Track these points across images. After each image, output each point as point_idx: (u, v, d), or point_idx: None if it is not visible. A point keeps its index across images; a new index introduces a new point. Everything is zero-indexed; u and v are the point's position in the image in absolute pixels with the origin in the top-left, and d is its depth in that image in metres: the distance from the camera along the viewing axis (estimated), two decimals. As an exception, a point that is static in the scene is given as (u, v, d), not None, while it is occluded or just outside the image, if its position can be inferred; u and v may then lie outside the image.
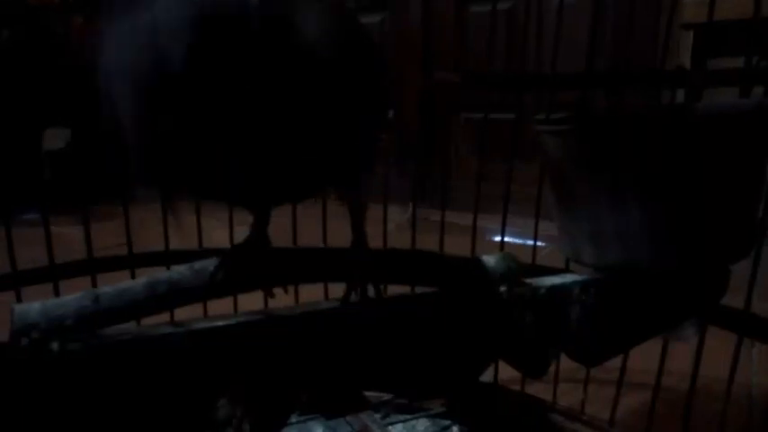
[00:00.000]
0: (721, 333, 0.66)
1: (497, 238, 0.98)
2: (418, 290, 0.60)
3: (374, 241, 0.60)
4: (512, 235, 0.98)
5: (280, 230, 0.71)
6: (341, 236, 0.64)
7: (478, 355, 0.57)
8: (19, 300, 0.78)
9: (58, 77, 2.18)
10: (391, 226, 0.99)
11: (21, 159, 1.91)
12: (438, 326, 0.55)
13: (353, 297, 0.55)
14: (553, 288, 0.55)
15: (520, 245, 1.16)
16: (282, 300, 0.60)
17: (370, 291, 0.56)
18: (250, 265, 0.55)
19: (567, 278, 0.56)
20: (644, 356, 0.69)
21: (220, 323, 0.52)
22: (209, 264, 0.53)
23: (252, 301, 0.66)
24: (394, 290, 0.63)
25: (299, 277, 0.57)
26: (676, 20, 1.53)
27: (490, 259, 0.56)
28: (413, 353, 0.55)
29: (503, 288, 0.54)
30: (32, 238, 0.82)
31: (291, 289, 0.74)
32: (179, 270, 0.53)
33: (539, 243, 0.89)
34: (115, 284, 0.51)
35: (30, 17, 2.50)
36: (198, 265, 0.53)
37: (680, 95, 0.77)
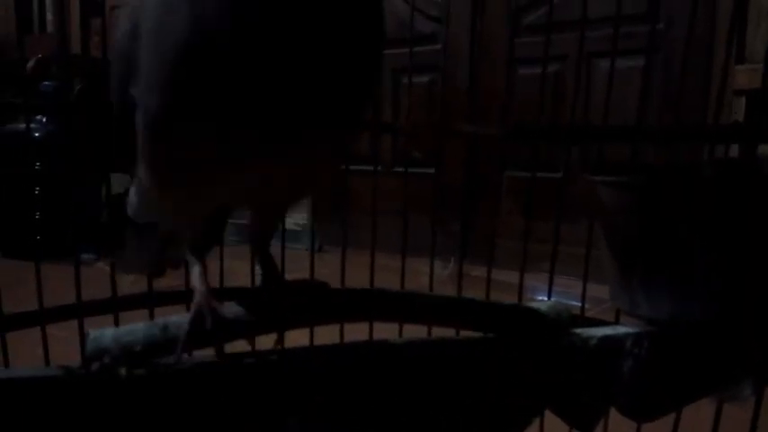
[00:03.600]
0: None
1: (541, 297, 0.98)
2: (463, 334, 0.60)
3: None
4: (556, 295, 0.98)
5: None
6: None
7: (528, 404, 0.57)
8: (81, 332, 0.81)
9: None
10: (424, 280, 1.00)
11: (86, 203, 2.01)
12: (487, 372, 0.56)
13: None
14: (605, 339, 0.55)
15: (565, 304, 1.16)
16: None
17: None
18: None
19: (619, 329, 0.56)
20: (697, 415, 0.68)
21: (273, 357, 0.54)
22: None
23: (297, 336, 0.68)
24: (438, 332, 0.63)
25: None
26: (729, 85, 1.54)
27: (541, 307, 0.57)
28: (459, 399, 0.56)
29: (554, 336, 0.54)
30: (86, 278, 0.86)
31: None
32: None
33: (585, 305, 0.89)
34: (182, 315, 0.54)
35: (99, 70, 2.67)
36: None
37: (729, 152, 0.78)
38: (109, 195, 1.68)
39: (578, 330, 0.57)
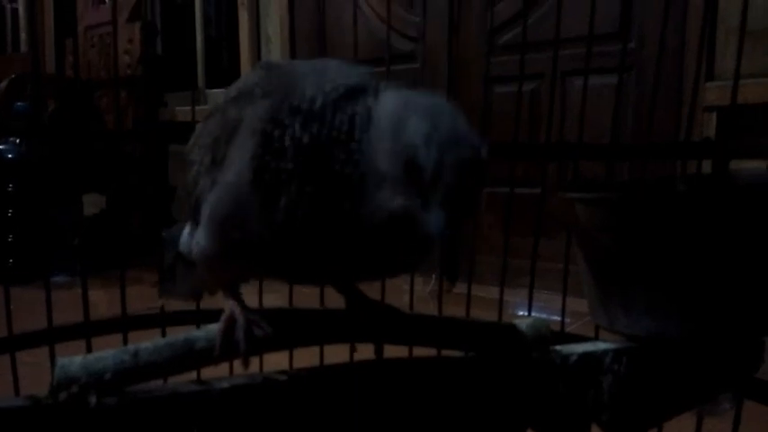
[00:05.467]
0: (757, 408, 0.64)
1: (521, 312, 0.98)
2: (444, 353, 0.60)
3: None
4: (537, 310, 0.98)
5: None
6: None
7: (509, 423, 0.56)
8: (52, 357, 0.79)
9: (96, 147, 2.28)
10: (406, 298, 0.99)
11: (57, 226, 1.97)
12: (467, 392, 0.55)
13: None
14: (584, 355, 0.55)
15: (545, 320, 1.16)
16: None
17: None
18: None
19: (599, 345, 0.56)
20: (678, 430, 0.68)
21: (258, 380, 0.53)
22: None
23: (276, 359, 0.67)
24: (419, 352, 0.62)
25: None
26: (699, 102, 1.57)
27: (521, 324, 0.57)
28: (441, 419, 0.55)
29: (534, 354, 0.54)
30: (58, 300, 0.84)
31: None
32: (214, 328, 0.54)
33: (565, 319, 0.89)
34: (154, 340, 0.53)
35: (74, 91, 2.64)
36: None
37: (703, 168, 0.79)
38: (81, 217, 1.65)
39: (558, 347, 0.56)
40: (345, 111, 0.44)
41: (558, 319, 0.92)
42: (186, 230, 0.62)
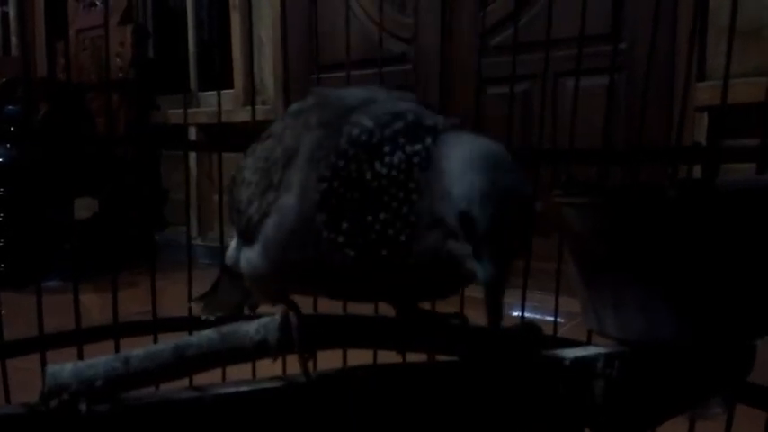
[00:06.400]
0: (750, 411, 0.64)
1: (515, 313, 0.98)
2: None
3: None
4: (530, 310, 0.98)
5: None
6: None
7: (502, 428, 0.56)
8: (43, 364, 0.79)
9: (88, 151, 2.27)
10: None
11: (49, 229, 1.96)
12: (459, 397, 0.55)
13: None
14: (577, 360, 0.55)
15: (538, 320, 1.16)
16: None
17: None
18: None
19: (591, 350, 0.56)
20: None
21: (244, 388, 0.53)
22: (236, 328, 0.54)
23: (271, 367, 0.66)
24: (411, 357, 0.63)
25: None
26: (690, 103, 1.57)
27: (513, 328, 0.57)
28: (433, 424, 0.55)
29: (526, 359, 0.54)
30: (50, 305, 0.84)
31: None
32: (206, 334, 0.54)
33: (558, 319, 0.89)
34: (146, 347, 0.53)
35: (65, 94, 2.63)
36: (225, 329, 0.54)
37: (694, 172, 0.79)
38: (73, 221, 1.65)
39: (550, 352, 0.56)
40: (404, 149, 0.45)
41: (552, 318, 0.93)
42: (233, 244, 0.64)
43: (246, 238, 0.56)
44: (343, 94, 0.53)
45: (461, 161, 0.43)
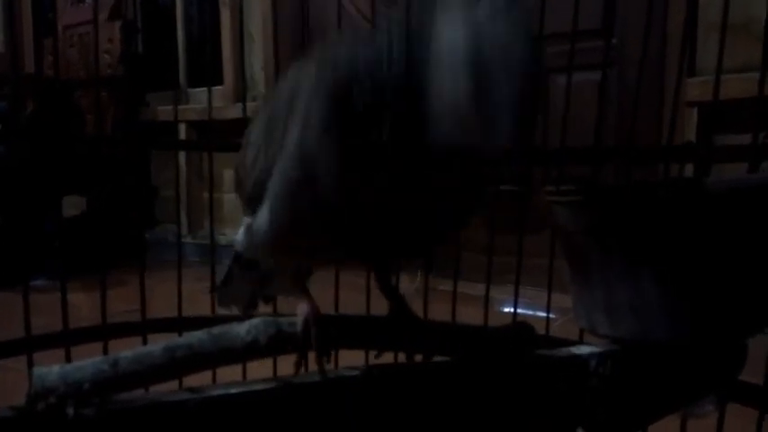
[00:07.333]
0: (741, 410, 0.64)
1: (507, 309, 0.98)
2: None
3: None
4: (522, 306, 0.98)
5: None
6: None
7: (494, 427, 0.56)
8: (30, 365, 0.78)
9: (76, 148, 2.25)
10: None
11: (36, 228, 1.94)
12: (451, 398, 0.55)
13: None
14: (569, 359, 0.54)
15: (531, 316, 1.16)
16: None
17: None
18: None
19: (584, 349, 0.56)
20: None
21: (234, 390, 0.52)
22: (227, 329, 0.53)
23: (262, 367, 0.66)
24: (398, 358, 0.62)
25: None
26: (681, 98, 1.58)
27: (505, 329, 0.56)
28: (425, 425, 0.54)
29: (518, 359, 0.54)
30: (38, 304, 0.83)
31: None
32: (196, 335, 0.54)
33: (551, 315, 0.89)
34: (134, 349, 0.52)
35: (54, 91, 2.60)
36: (216, 330, 0.53)
37: (686, 171, 0.79)
38: (61, 219, 1.63)
39: (543, 352, 0.56)
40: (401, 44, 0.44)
41: (545, 314, 0.92)
42: (241, 230, 0.63)
43: (253, 204, 0.55)
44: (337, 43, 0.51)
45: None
